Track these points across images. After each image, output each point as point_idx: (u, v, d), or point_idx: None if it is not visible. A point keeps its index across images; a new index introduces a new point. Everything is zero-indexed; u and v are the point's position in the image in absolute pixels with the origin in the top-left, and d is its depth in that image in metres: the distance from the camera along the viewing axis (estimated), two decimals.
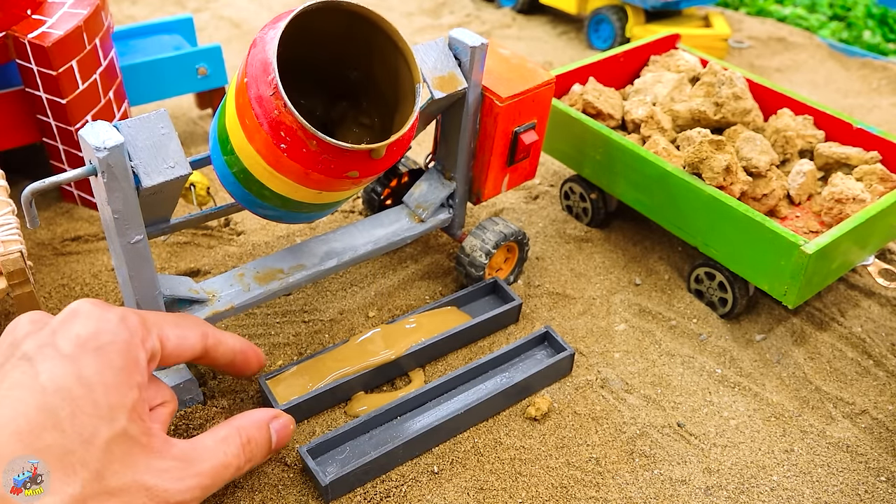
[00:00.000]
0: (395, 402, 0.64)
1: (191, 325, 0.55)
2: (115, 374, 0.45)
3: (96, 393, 0.44)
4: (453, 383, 0.67)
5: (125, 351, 0.46)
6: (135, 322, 0.48)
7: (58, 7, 0.82)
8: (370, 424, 0.63)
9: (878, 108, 1.23)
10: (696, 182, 0.75)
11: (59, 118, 0.81)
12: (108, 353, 0.45)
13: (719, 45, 1.32)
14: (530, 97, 0.71)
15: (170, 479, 0.46)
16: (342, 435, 0.62)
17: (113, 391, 0.45)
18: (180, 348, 0.53)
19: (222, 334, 0.58)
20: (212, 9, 1.46)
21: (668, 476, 0.63)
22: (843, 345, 0.77)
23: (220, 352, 0.57)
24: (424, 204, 0.76)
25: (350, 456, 0.61)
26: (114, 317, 0.47)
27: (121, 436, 0.44)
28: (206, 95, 1.05)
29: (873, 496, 0.62)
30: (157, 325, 0.51)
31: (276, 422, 0.56)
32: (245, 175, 0.57)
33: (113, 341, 0.46)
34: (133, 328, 0.48)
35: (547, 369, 0.68)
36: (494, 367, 0.70)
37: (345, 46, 0.60)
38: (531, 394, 0.68)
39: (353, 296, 0.78)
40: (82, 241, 0.84)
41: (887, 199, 0.74)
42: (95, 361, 0.45)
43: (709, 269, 0.79)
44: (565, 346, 0.70)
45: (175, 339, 0.52)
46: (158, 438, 0.47)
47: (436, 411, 0.65)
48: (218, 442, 0.51)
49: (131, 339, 0.47)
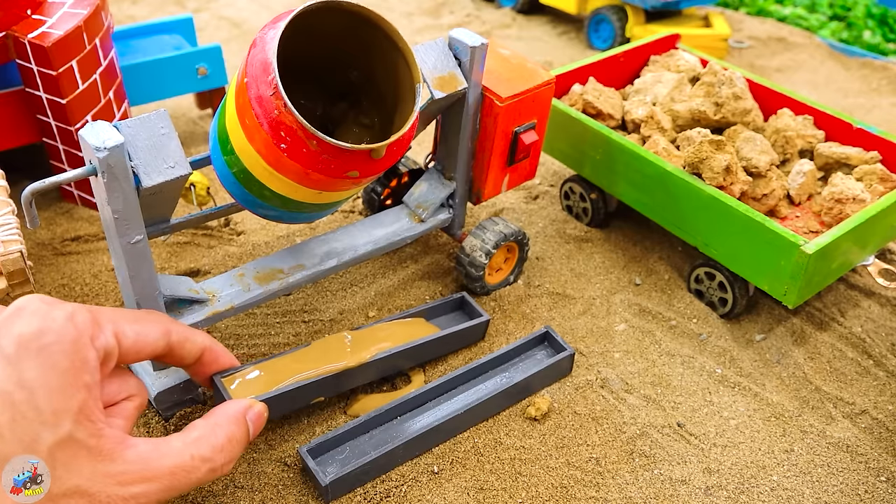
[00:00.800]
0: (394, 402, 0.64)
1: (152, 320, 0.52)
2: (59, 376, 0.43)
3: (38, 397, 0.42)
4: (453, 383, 0.67)
5: (71, 351, 0.44)
6: (84, 319, 0.45)
7: (58, 7, 0.82)
8: (370, 424, 0.63)
9: (878, 108, 1.23)
10: (696, 182, 0.75)
11: (59, 118, 0.81)
12: (51, 353, 0.43)
13: (719, 45, 1.32)
14: (530, 97, 0.71)
15: (113, 484, 0.44)
16: (342, 435, 0.62)
17: (56, 394, 0.42)
18: (139, 344, 0.50)
19: (190, 332, 0.55)
20: (212, 9, 1.46)
21: (668, 476, 0.63)
22: (843, 345, 0.77)
23: (187, 349, 0.54)
24: (424, 204, 0.76)
25: (350, 456, 0.61)
26: (60, 314, 0.44)
27: (65, 440, 0.42)
28: (206, 95, 1.05)
29: (873, 496, 0.62)
30: (112, 321, 0.48)
31: (250, 412, 0.54)
32: (245, 175, 0.57)
33: (57, 341, 0.43)
34: (81, 326, 0.45)
35: (547, 369, 0.68)
36: (494, 367, 0.70)
37: (345, 46, 0.60)
38: (531, 394, 0.68)
39: (353, 296, 0.78)
40: (82, 241, 0.84)
41: (887, 199, 0.74)
42: (38, 363, 0.42)
43: (709, 269, 0.79)
44: (565, 346, 0.70)
45: (133, 336, 0.49)
46: (111, 440, 0.45)
47: (436, 411, 0.65)
48: (188, 444, 0.48)
49: (79, 338, 0.44)
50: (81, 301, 0.75)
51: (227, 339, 0.72)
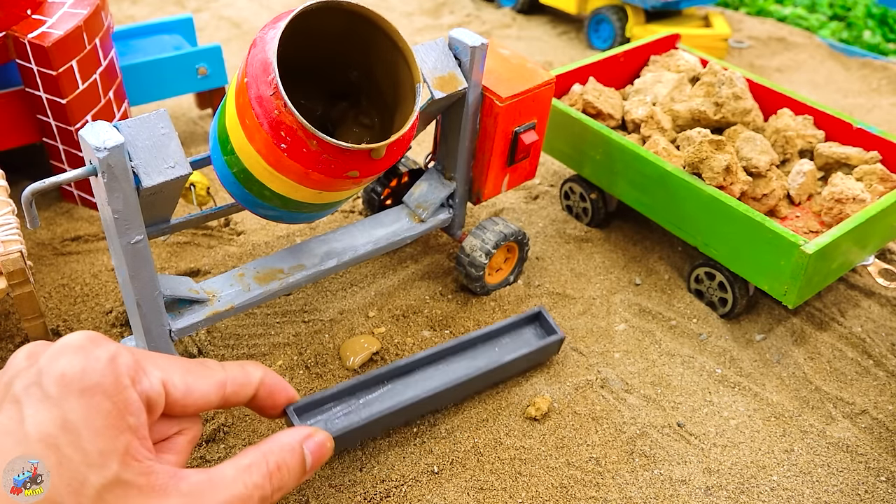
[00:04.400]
0: (385, 368, 0.64)
1: (205, 373, 0.50)
2: (104, 417, 0.42)
3: (84, 439, 0.41)
4: (442, 354, 0.67)
5: (113, 393, 0.43)
6: (126, 361, 0.45)
7: (58, 7, 0.82)
8: (358, 388, 0.63)
9: (878, 108, 1.23)
10: (696, 182, 0.75)
11: (59, 118, 0.81)
12: (94, 394, 0.42)
13: (719, 45, 1.32)
14: (530, 97, 0.71)
15: None
16: (330, 396, 0.61)
17: (102, 436, 0.42)
18: (188, 398, 0.48)
19: (244, 374, 0.53)
20: (212, 9, 1.46)
21: (668, 476, 0.63)
22: (843, 345, 0.77)
23: (242, 395, 0.53)
24: (424, 204, 0.76)
25: (334, 417, 0.61)
26: (103, 354, 0.44)
27: (113, 482, 0.42)
28: (206, 95, 1.05)
29: (873, 496, 0.62)
30: (161, 369, 0.47)
31: (309, 441, 0.53)
32: (245, 175, 0.57)
33: (99, 382, 0.43)
34: (122, 367, 0.44)
35: (535, 352, 0.68)
36: (483, 342, 0.70)
37: (345, 46, 0.60)
38: (518, 373, 0.69)
39: (353, 296, 0.78)
40: (82, 241, 0.84)
41: (887, 199, 0.74)
42: (81, 405, 0.42)
43: (709, 269, 0.79)
44: (556, 329, 0.70)
45: (183, 388, 0.48)
46: (163, 475, 0.44)
47: (424, 383, 0.65)
48: (240, 471, 0.48)
49: (118, 380, 0.44)
50: (81, 301, 0.75)
51: (227, 339, 0.72)
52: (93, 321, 0.73)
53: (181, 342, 0.72)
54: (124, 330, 0.72)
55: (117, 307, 0.74)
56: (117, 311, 0.74)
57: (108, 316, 0.74)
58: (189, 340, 0.72)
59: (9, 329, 0.72)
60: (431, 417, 0.66)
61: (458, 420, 0.66)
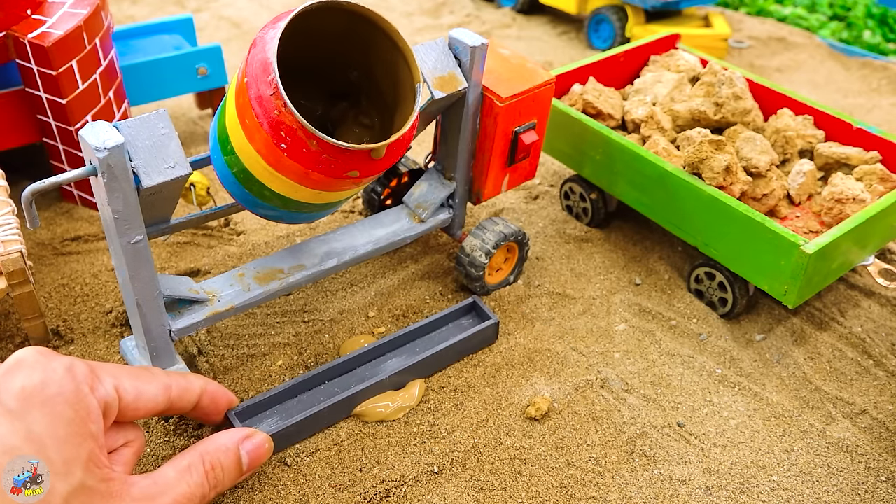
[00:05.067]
0: (322, 367, 0.66)
1: (151, 378, 0.52)
2: (66, 426, 0.44)
3: (48, 449, 0.43)
4: (383, 349, 0.70)
5: (74, 402, 0.45)
6: (82, 371, 0.47)
7: (58, 7, 0.82)
8: (297, 389, 0.65)
9: (878, 108, 1.23)
10: (696, 182, 0.75)
11: (59, 118, 0.81)
12: (55, 405, 0.44)
13: (719, 45, 1.32)
14: (530, 97, 0.71)
15: None
16: (270, 399, 0.64)
17: (66, 444, 0.43)
18: (140, 401, 0.51)
19: (186, 381, 0.56)
20: (212, 9, 1.46)
21: (668, 476, 0.63)
22: (843, 345, 0.77)
23: (186, 400, 0.55)
24: (424, 204, 0.76)
25: (277, 419, 0.63)
26: (59, 366, 0.45)
27: (78, 489, 0.44)
28: (206, 95, 1.05)
29: (873, 496, 0.62)
30: (112, 376, 0.49)
31: (247, 442, 0.55)
32: (245, 175, 0.57)
33: (60, 392, 0.44)
34: (80, 377, 0.46)
35: (471, 337, 0.70)
36: (423, 334, 0.72)
37: (345, 46, 0.60)
38: (458, 360, 0.71)
39: (353, 296, 0.78)
40: (82, 241, 0.84)
41: (887, 199, 0.74)
42: (43, 415, 0.43)
43: (709, 269, 0.79)
44: (490, 315, 0.72)
45: (133, 392, 0.50)
46: (118, 482, 0.46)
47: (361, 378, 0.68)
48: (181, 472, 0.50)
49: (79, 388, 0.45)
50: (81, 301, 0.75)
51: (227, 339, 0.72)
52: (93, 321, 0.73)
53: (181, 342, 0.72)
54: (124, 330, 0.72)
55: (117, 307, 0.75)
56: (117, 311, 0.74)
57: (108, 316, 0.74)
58: (189, 340, 0.72)
59: (9, 329, 0.72)
60: (431, 417, 0.66)
61: (458, 420, 0.66)
